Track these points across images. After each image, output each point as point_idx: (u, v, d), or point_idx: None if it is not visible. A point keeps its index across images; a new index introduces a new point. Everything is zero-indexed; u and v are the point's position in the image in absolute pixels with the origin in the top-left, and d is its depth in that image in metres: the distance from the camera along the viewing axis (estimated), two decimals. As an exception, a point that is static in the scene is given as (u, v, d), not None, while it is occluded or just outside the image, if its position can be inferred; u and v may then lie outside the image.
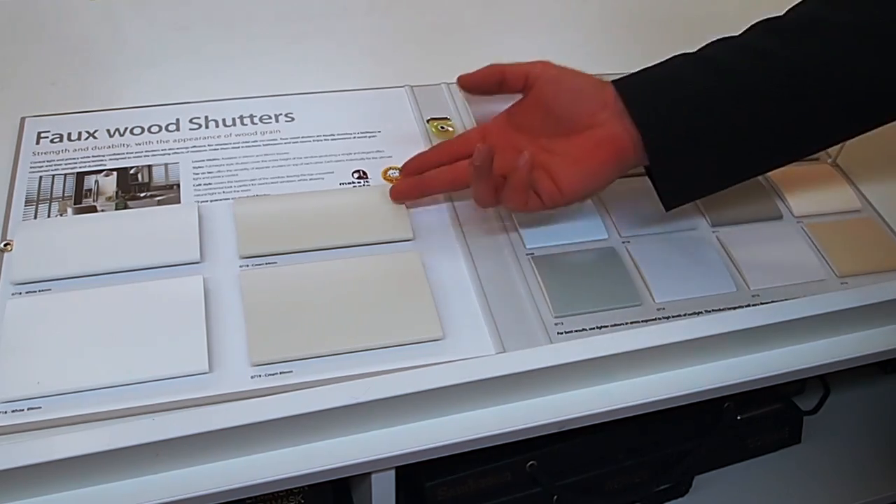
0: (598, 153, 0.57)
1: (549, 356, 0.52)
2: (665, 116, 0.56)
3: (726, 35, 0.57)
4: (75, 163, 0.67)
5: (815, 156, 0.74)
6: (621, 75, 0.59)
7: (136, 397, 0.52)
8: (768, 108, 0.55)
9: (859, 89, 0.54)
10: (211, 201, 0.64)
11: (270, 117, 0.72)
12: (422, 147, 0.70)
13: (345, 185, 0.67)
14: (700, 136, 0.56)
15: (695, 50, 0.58)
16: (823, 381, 0.81)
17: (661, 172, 0.58)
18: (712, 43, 0.57)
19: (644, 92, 0.57)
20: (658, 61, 0.58)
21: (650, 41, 0.86)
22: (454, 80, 0.64)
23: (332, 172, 0.68)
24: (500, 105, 0.73)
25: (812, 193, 0.70)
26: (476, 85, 0.62)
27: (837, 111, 0.55)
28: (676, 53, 0.58)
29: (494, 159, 0.57)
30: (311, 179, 0.67)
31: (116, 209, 0.63)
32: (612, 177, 0.58)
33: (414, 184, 0.63)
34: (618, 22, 0.89)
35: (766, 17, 0.57)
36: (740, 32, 0.57)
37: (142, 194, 0.65)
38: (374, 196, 0.65)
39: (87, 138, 0.69)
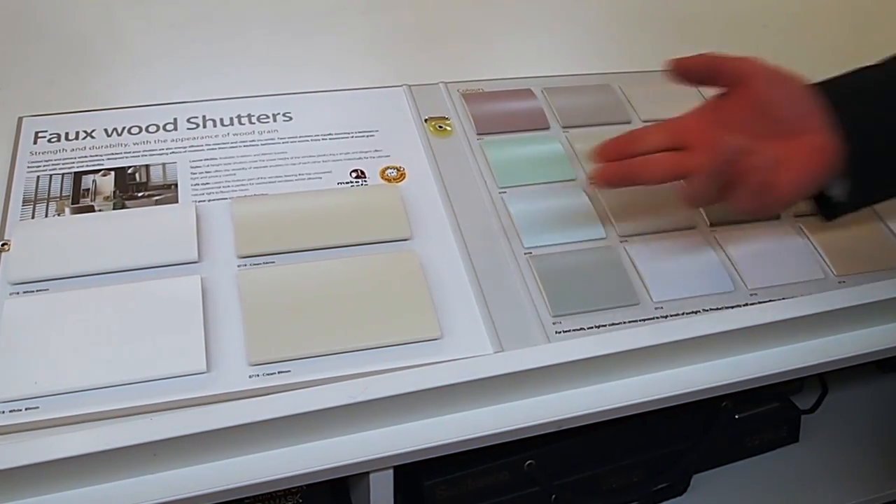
0: (818, 158, 0.55)
1: (547, 355, 0.52)
2: (869, 128, 0.54)
3: None
4: (73, 162, 0.66)
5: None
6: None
7: (134, 397, 0.52)
8: None
9: None
10: (209, 201, 0.64)
11: (268, 117, 0.72)
12: (420, 147, 0.71)
13: (343, 185, 0.67)
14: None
15: (880, 61, 0.56)
16: (821, 380, 0.81)
17: (856, 182, 0.56)
18: None
19: (850, 101, 0.55)
20: (867, 64, 0.57)
21: (651, 40, 0.86)
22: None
23: (330, 172, 0.68)
24: (498, 107, 0.73)
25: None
26: (689, 72, 0.59)
27: None
28: (862, 66, 0.57)
29: (695, 154, 0.56)
30: (308, 179, 0.67)
31: (114, 209, 0.63)
32: (823, 184, 0.56)
33: (622, 170, 0.59)
34: (617, 21, 0.89)
35: None
36: None
37: (139, 194, 0.65)
38: (372, 195, 0.65)
39: (84, 138, 0.69)
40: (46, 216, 0.62)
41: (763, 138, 0.56)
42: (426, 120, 0.73)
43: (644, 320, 0.60)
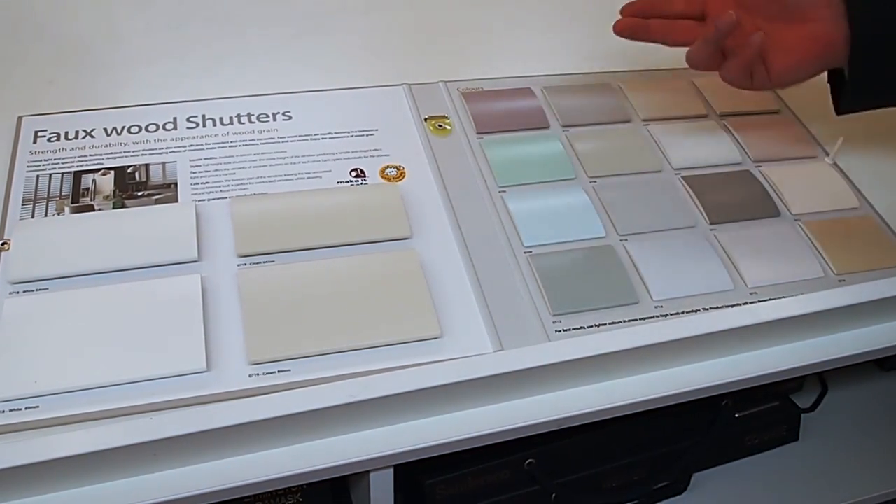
0: (813, 47, 0.60)
1: (547, 354, 0.52)
2: (881, 20, 0.58)
3: None
4: (72, 162, 0.66)
5: (813, 154, 0.74)
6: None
7: (134, 396, 0.52)
8: None
9: None
10: (208, 200, 0.64)
11: (268, 116, 0.72)
12: (420, 146, 0.70)
13: (342, 184, 0.67)
14: None
15: None
16: (821, 379, 0.81)
17: (857, 74, 0.60)
18: None
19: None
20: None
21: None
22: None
23: (330, 171, 0.68)
24: (498, 106, 0.73)
25: (809, 191, 0.70)
26: None
27: None
28: None
29: (706, 25, 0.62)
30: (308, 178, 0.67)
31: (114, 208, 0.63)
32: (816, 73, 0.62)
33: (640, 25, 0.66)
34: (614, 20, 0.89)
35: None
36: None
37: (139, 193, 0.64)
38: (371, 194, 0.65)
39: (84, 137, 0.69)
40: (46, 215, 0.62)
41: (771, 20, 0.61)
42: (426, 119, 0.73)
43: (644, 319, 0.60)
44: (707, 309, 0.61)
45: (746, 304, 0.61)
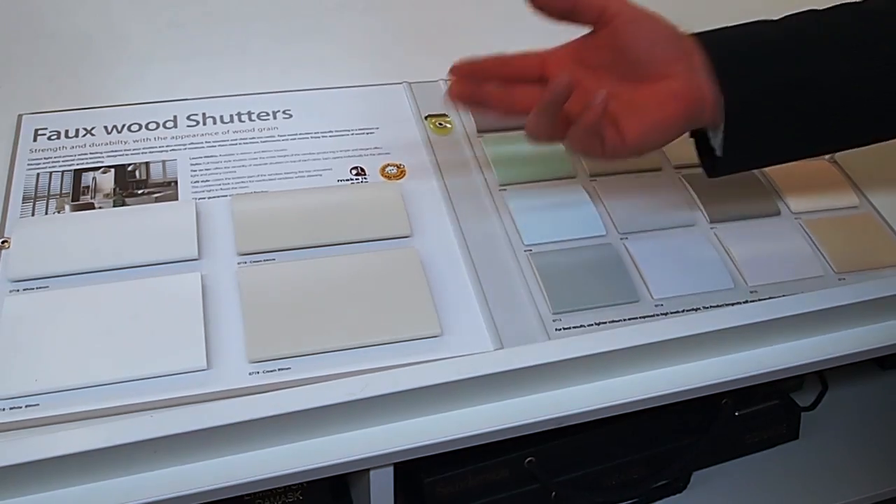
0: (670, 107, 0.53)
1: (547, 353, 0.52)
2: (747, 78, 0.53)
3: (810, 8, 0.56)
4: (73, 160, 0.66)
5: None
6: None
7: (134, 394, 0.52)
8: (848, 86, 0.53)
9: None
10: (209, 198, 0.64)
11: (268, 114, 0.72)
12: (420, 144, 0.70)
13: (343, 182, 0.67)
14: (778, 103, 0.53)
15: (776, 18, 0.56)
16: (821, 378, 0.81)
17: (730, 135, 0.54)
18: (797, 14, 0.56)
19: (728, 50, 0.54)
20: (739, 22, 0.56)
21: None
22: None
23: (331, 169, 0.68)
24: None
25: (810, 190, 0.70)
26: (549, 4, 0.56)
27: None
28: (755, 20, 0.56)
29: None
30: (308, 176, 0.67)
31: (114, 206, 0.63)
32: (678, 133, 0.55)
33: (473, 93, 0.57)
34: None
35: (847, 2, 0.56)
36: (824, 9, 0.56)
37: (139, 191, 0.65)
38: (372, 193, 0.65)
39: (84, 135, 0.69)
40: (46, 213, 0.62)
41: (622, 80, 0.55)
42: (426, 117, 0.73)
43: (644, 317, 0.60)
44: (707, 307, 0.61)
45: (746, 302, 0.61)
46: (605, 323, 0.59)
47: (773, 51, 0.54)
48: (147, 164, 0.67)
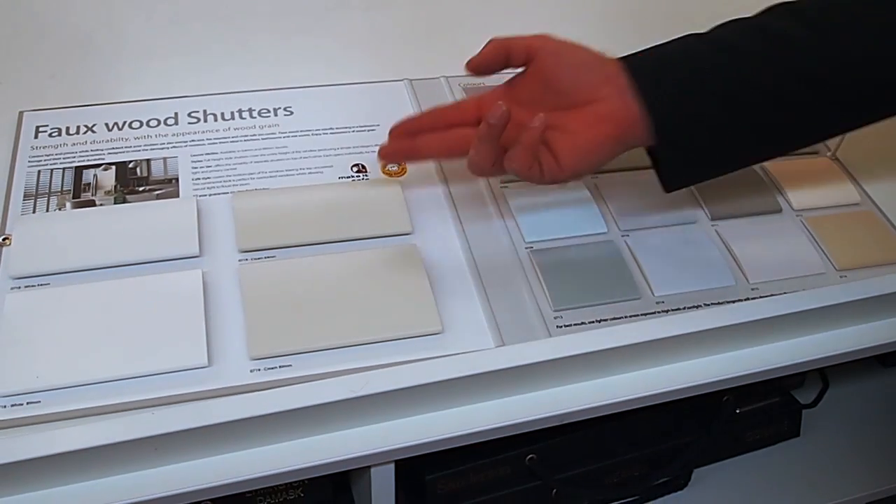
0: (599, 129, 0.55)
1: (548, 350, 0.52)
2: (673, 95, 0.54)
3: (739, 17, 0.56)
4: (74, 157, 0.66)
5: (815, 149, 0.74)
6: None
7: (136, 391, 0.52)
8: (780, 92, 0.54)
9: (879, 79, 0.53)
10: (210, 195, 0.64)
11: (269, 111, 0.72)
12: (421, 141, 0.70)
13: (344, 179, 0.67)
14: (708, 117, 0.54)
15: (706, 30, 0.56)
16: (822, 375, 0.81)
17: (665, 153, 0.56)
18: (725, 23, 0.56)
19: (652, 69, 0.55)
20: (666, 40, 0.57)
21: (651, 36, 0.85)
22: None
23: (331, 166, 0.68)
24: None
25: (811, 187, 0.70)
26: (484, 65, 0.58)
27: (851, 100, 0.54)
28: (686, 33, 0.57)
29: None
30: (309, 173, 0.67)
31: (115, 203, 0.63)
32: (612, 154, 0.56)
33: (405, 147, 0.60)
34: (618, 16, 0.89)
35: (782, 1, 0.56)
36: (755, 14, 0.56)
37: (140, 188, 0.65)
38: (373, 190, 0.65)
39: (85, 132, 0.69)
40: (47, 211, 0.62)
41: (554, 110, 0.56)
42: (427, 114, 0.73)
43: (645, 314, 0.60)
44: (708, 304, 0.61)
45: (748, 299, 0.61)
46: (606, 320, 0.59)
47: (700, 66, 0.54)
48: (148, 161, 0.67)
